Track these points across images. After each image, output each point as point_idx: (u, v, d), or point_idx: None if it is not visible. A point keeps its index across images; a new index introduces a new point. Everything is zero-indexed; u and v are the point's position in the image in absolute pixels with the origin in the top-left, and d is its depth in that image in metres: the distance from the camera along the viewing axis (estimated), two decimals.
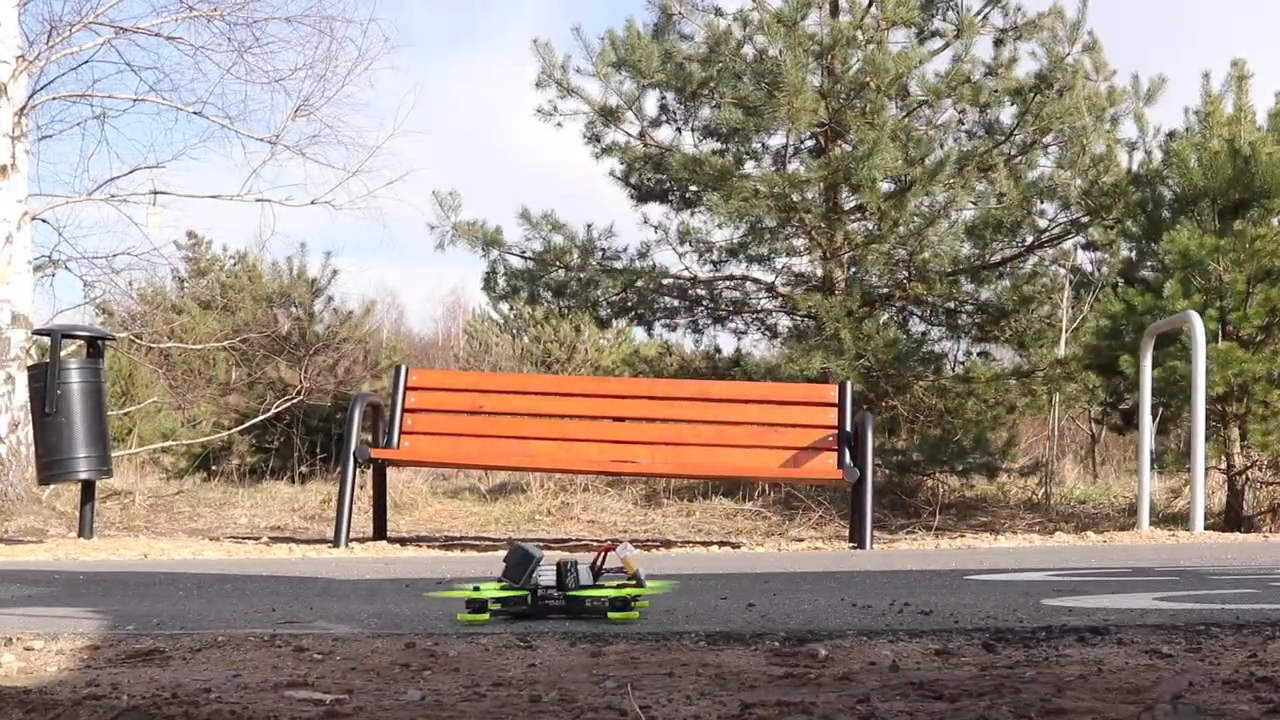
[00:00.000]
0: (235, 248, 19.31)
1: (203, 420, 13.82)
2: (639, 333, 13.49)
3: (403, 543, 6.41)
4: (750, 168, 9.71)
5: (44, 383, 6.03)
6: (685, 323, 10.29)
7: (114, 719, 1.67)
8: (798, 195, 8.86)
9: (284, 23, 10.23)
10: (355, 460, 5.89)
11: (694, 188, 9.62)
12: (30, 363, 7.55)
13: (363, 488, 7.27)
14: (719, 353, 10.24)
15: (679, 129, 9.89)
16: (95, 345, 6.35)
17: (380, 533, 6.59)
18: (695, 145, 9.72)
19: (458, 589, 2.82)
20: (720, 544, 6.62)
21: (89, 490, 6.23)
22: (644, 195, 10.07)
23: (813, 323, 9.11)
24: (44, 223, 8.71)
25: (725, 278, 10.10)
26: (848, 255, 9.36)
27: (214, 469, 12.70)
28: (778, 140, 9.70)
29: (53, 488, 7.72)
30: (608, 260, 9.83)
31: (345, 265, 19.37)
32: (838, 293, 9.15)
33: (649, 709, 1.72)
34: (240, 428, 12.23)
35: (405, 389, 6.31)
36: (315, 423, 12.55)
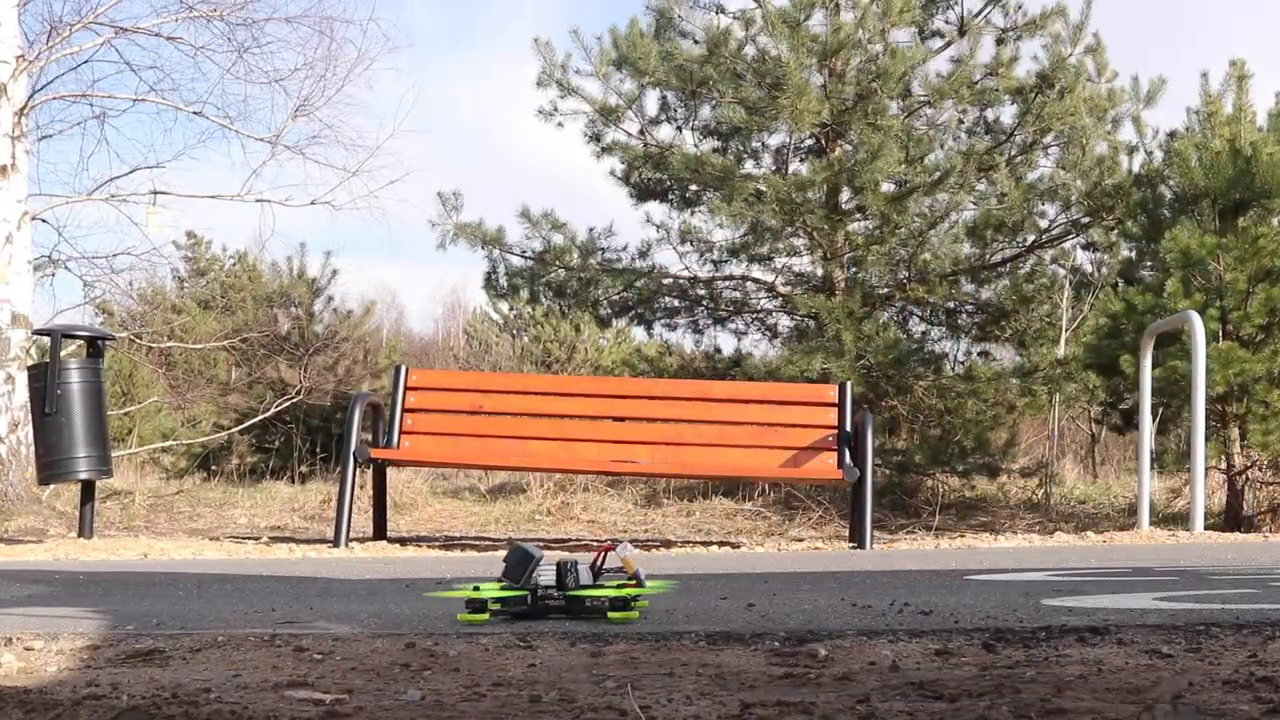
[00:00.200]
0: (235, 248, 19.40)
1: (203, 420, 13.83)
2: (639, 332, 13.53)
3: (403, 543, 6.41)
4: (750, 167, 9.71)
5: (44, 383, 6.03)
6: (685, 323, 10.29)
7: (114, 719, 1.67)
8: (800, 196, 8.86)
9: (284, 23, 10.25)
10: (355, 460, 5.89)
11: (694, 187, 9.62)
12: (30, 363, 7.55)
13: (363, 488, 7.27)
14: (719, 353, 10.24)
15: (679, 128, 9.91)
16: (95, 345, 6.35)
17: (380, 533, 6.59)
18: (696, 145, 9.72)
19: (458, 589, 2.82)
20: (720, 544, 6.62)
21: (89, 490, 6.23)
22: (644, 194, 10.08)
23: (813, 323, 9.11)
24: (44, 223, 8.72)
25: (725, 278, 10.10)
26: (848, 256, 9.36)
27: (214, 469, 12.70)
28: (778, 139, 9.72)
29: (53, 488, 7.72)
30: (608, 260, 9.83)
31: (345, 265, 19.44)
32: (838, 293, 9.15)
33: (649, 709, 1.72)
34: (240, 427, 12.23)
35: (405, 389, 6.30)
36: (315, 422, 12.55)
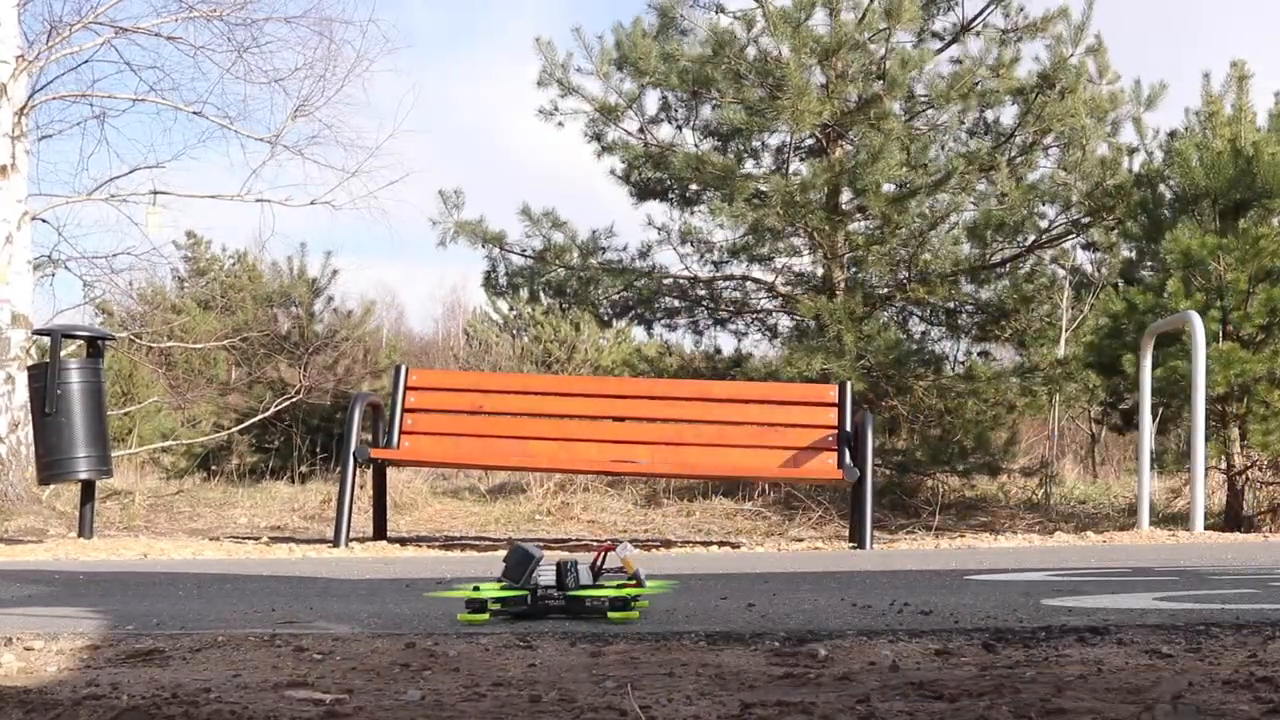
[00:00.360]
0: (235, 248, 19.42)
1: (202, 420, 13.83)
2: (639, 332, 13.53)
3: (403, 543, 6.41)
4: (751, 167, 9.71)
5: (44, 383, 6.03)
6: (686, 323, 10.29)
7: (114, 719, 1.67)
8: (801, 197, 8.86)
9: (283, 23, 10.24)
10: (355, 460, 5.89)
11: (695, 187, 9.62)
12: (30, 363, 7.55)
13: (363, 488, 7.26)
14: (719, 353, 10.23)
15: (679, 127, 9.91)
16: (95, 345, 6.35)
17: (380, 533, 6.59)
18: (696, 144, 9.72)
19: (458, 589, 2.82)
20: (720, 544, 6.62)
21: (89, 490, 6.23)
22: (644, 194, 10.08)
23: (814, 323, 9.10)
24: (44, 222, 8.71)
25: (726, 278, 10.10)
26: (849, 256, 9.36)
27: (214, 469, 12.70)
28: (778, 139, 9.71)
29: (53, 488, 7.72)
30: (608, 260, 9.83)
31: (345, 265, 19.44)
32: (839, 293, 9.14)
33: (649, 709, 1.72)
34: (240, 427, 12.23)
35: (405, 389, 6.30)
36: (315, 422, 12.55)
